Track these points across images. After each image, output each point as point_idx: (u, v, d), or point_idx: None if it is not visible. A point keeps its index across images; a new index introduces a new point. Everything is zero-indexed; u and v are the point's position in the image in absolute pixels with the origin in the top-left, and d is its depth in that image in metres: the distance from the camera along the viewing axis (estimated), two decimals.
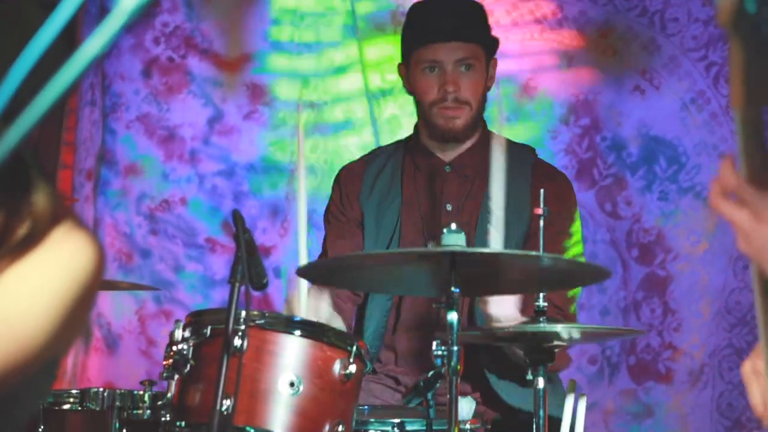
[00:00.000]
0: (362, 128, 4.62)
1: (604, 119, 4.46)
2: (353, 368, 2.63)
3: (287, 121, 4.66)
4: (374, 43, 4.62)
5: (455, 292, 2.49)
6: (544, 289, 2.85)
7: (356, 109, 4.63)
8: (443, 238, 2.53)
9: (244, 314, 2.45)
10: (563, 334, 2.79)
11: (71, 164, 4.71)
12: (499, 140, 3.51)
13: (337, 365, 2.63)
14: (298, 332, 2.63)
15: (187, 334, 2.65)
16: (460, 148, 3.42)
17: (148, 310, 4.67)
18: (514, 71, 4.49)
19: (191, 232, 4.67)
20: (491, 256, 2.68)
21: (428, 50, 3.35)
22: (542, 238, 2.83)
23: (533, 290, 2.89)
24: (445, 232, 2.54)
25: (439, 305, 2.58)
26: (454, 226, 2.57)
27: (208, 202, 4.68)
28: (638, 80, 4.42)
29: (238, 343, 2.42)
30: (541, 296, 2.83)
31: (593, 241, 4.40)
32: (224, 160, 4.68)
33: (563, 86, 4.50)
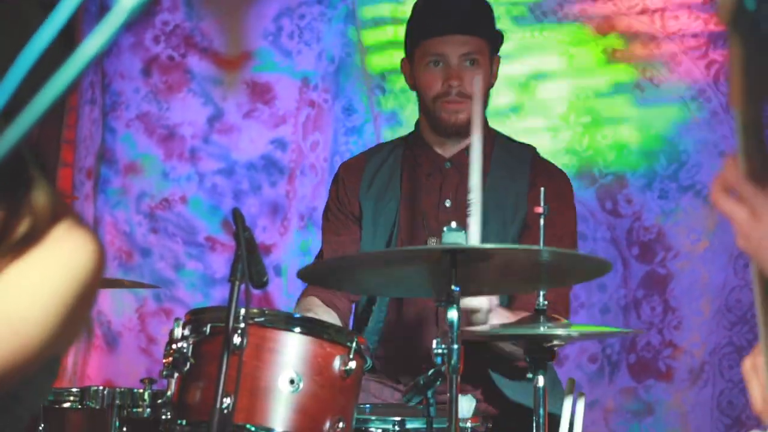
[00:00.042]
0: (363, 127, 4.62)
1: (604, 117, 4.46)
2: (353, 364, 2.63)
3: (287, 119, 4.66)
4: (375, 40, 4.61)
5: (455, 290, 2.49)
6: (545, 285, 2.84)
7: (357, 107, 4.63)
8: (444, 236, 2.53)
9: (243, 312, 2.45)
10: (562, 334, 2.79)
11: (71, 162, 4.71)
12: (498, 137, 3.52)
13: (337, 362, 2.63)
14: (297, 329, 2.63)
15: (187, 332, 2.65)
16: (460, 144, 3.41)
17: (148, 308, 4.67)
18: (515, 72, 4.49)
19: (191, 230, 4.67)
20: (492, 252, 2.66)
21: (433, 43, 3.34)
22: (542, 236, 2.82)
23: (535, 287, 2.88)
24: (445, 230, 2.54)
25: (439, 303, 2.57)
26: (454, 224, 2.56)
27: (208, 200, 4.68)
28: (638, 78, 4.41)
29: (237, 340, 2.42)
30: (541, 295, 2.82)
31: (593, 239, 4.40)
32: (224, 158, 4.67)
33: (564, 84, 4.50)
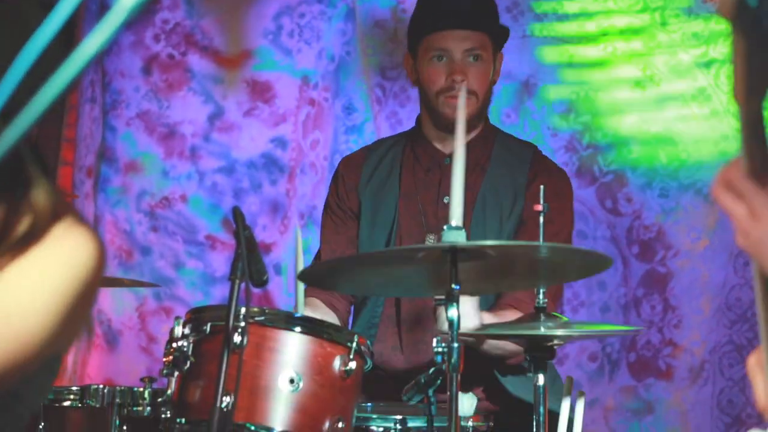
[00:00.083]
0: (363, 125, 4.61)
1: (605, 116, 4.46)
2: (353, 364, 2.63)
3: (287, 118, 4.65)
4: (374, 39, 4.61)
5: (455, 289, 2.48)
6: (545, 282, 2.83)
7: (357, 106, 4.62)
8: (443, 234, 2.52)
9: (244, 311, 2.45)
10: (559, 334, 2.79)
11: (71, 161, 4.70)
12: (499, 134, 3.51)
13: (337, 361, 2.63)
14: (298, 329, 2.63)
15: (187, 331, 2.65)
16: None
17: (148, 306, 4.66)
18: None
19: (191, 229, 4.67)
20: (492, 248, 2.64)
21: (437, 38, 3.33)
22: (542, 234, 2.82)
23: (534, 283, 2.88)
24: (445, 228, 2.53)
25: (438, 302, 2.57)
26: (454, 223, 2.56)
27: (208, 199, 4.67)
28: (639, 76, 4.41)
29: (238, 339, 2.42)
30: (541, 293, 2.82)
31: (593, 237, 4.40)
32: (224, 156, 4.67)
33: (564, 83, 4.49)
